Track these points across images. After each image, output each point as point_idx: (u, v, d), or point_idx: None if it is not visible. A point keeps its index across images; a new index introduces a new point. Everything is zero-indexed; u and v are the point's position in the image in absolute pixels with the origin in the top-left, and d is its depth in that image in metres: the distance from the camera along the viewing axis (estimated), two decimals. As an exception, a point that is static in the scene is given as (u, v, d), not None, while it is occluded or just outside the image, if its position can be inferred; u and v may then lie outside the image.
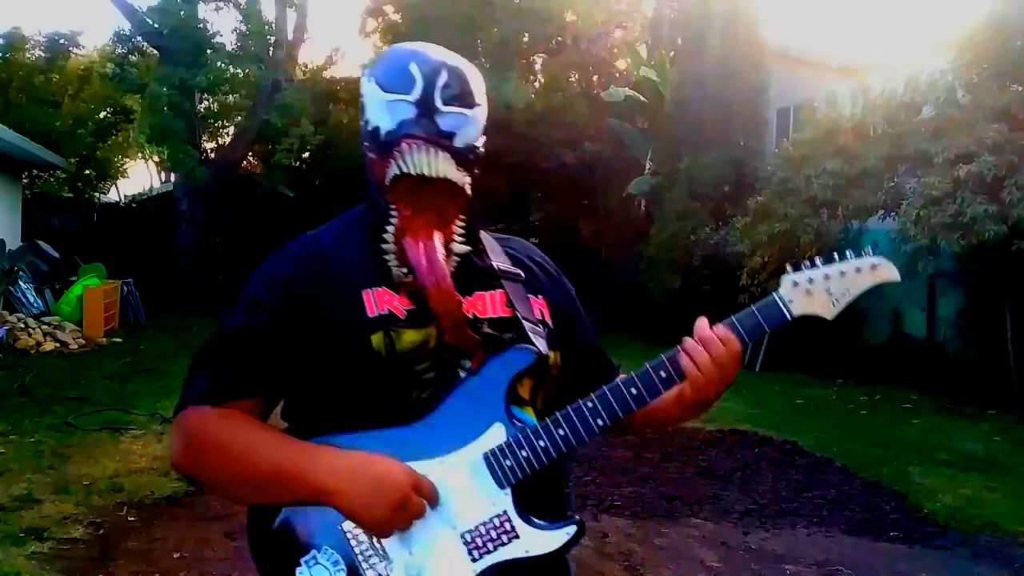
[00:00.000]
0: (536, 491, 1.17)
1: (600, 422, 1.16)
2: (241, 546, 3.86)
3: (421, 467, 1.11)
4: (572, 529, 1.15)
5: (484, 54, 16.37)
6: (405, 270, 1.15)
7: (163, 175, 25.08)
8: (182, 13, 14.67)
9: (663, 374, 1.18)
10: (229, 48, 16.14)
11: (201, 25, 15.39)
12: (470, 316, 1.18)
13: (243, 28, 15.94)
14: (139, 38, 16.17)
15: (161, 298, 13.64)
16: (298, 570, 1.10)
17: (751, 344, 1.19)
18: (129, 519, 4.14)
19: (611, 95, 14.23)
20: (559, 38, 17.04)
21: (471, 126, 1.19)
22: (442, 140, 1.15)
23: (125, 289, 12.29)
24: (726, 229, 10.65)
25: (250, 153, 17.94)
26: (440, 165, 1.15)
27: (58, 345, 9.55)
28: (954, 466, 5.63)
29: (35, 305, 10.72)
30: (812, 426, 6.75)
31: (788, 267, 1.20)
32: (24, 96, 17.50)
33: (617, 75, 17.08)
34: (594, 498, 4.68)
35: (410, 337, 1.15)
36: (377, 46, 18.87)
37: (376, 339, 1.14)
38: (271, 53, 16.13)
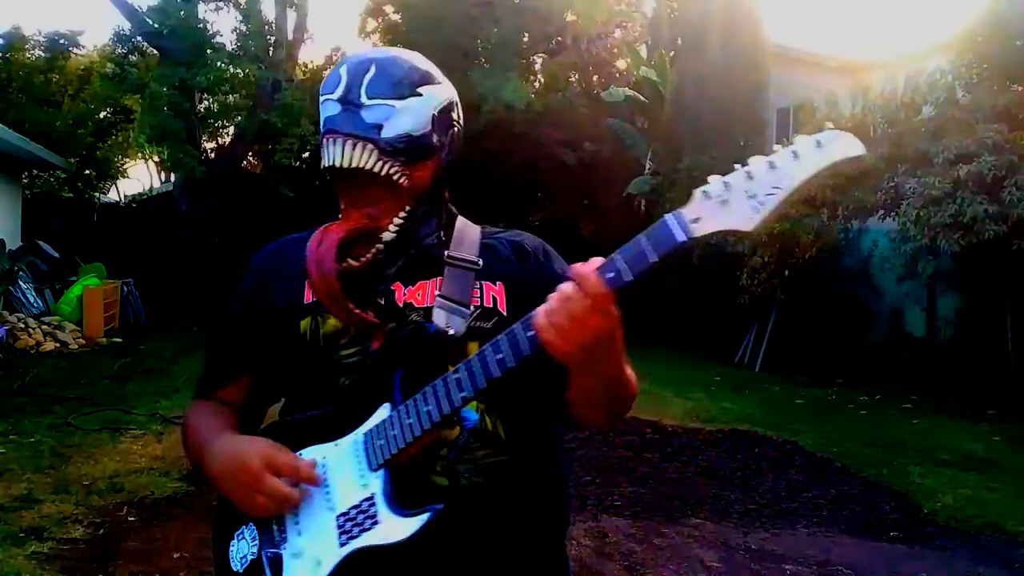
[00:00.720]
0: (408, 474, 1.13)
1: (463, 394, 1.06)
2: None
3: (317, 451, 1.15)
4: (425, 516, 1.09)
5: (484, 54, 16.38)
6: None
7: (163, 175, 25.08)
8: (182, 13, 14.66)
9: (525, 335, 1.02)
10: (229, 48, 16.13)
11: (201, 25, 15.38)
12: (400, 305, 1.19)
13: (243, 28, 15.93)
14: (139, 38, 16.17)
15: (161, 298, 13.63)
16: (231, 543, 1.21)
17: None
18: (129, 519, 4.14)
19: (611, 95, 14.23)
20: (559, 38, 17.04)
21: (402, 116, 1.17)
22: (366, 132, 1.15)
23: (125, 289, 12.28)
24: (726, 229, 10.64)
25: (250, 153, 17.94)
26: (353, 156, 1.14)
27: (58, 345, 9.54)
28: (954, 466, 5.63)
29: (35, 305, 10.72)
30: (812, 426, 6.75)
31: (710, 178, 0.95)
32: (24, 96, 17.49)
33: (617, 75, 17.09)
34: (594, 498, 4.68)
35: (333, 322, 1.18)
36: (377, 46, 18.89)
37: (304, 323, 1.19)
38: (271, 53, 16.13)
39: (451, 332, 1.15)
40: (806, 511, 4.66)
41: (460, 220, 1.32)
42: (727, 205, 0.90)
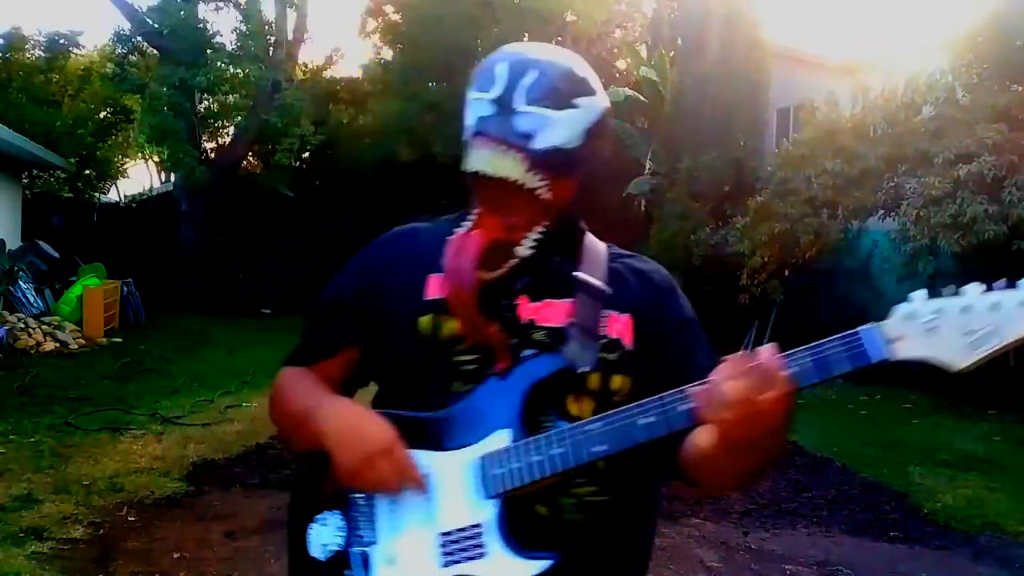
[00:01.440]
0: (527, 511, 1.09)
1: (600, 448, 1.04)
2: (241, 546, 3.86)
3: (421, 456, 1.10)
4: (546, 563, 1.05)
5: (484, 54, 16.36)
6: None
7: (163, 175, 25.08)
8: (182, 13, 14.68)
9: (681, 407, 1.01)
10: (229, 48, 16.15)
11: (201, 25, 15.40)
12: (523, 321, 1.15)
13: (243, 28, 15.95)
14: (139, 38, 16.19)
15: (161, 298, 13.63)
16: (311, 526, 1.16)
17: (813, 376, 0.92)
18: (129, 519, 4.14)
19: (611, 95, 14.22)
20: (559, 38, 17.03)
21: (556, 127, 1.12)
22: (517, 140, 1.10)
23: (125, 289, 12.28)
24: (726, 229, 10.65)
25: (250, 153, 17.95)
26: (503, 165, 1.10)
27: (58, 345, 9.54)
28: (954, 466, 5.63)
29: (35, 305, 10.72)
30: (812, 426, 6.74)
31: (911, 295, 0.89)
32: (24, 96, 17.51)
33: (617, 75, 17.10)
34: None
35: (454, 325, 1.14)
36: (377, 46, 18.90)
37: (424, 321, 1.15)
38: (271, 53, 16.14)
39: (583, 369, 1.12)
40: (806, 511, 4.66)
41: (588, 237, 1.27)
42: (935, 333, 0.85)
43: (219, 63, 15.48)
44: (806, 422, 6.94)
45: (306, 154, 17.97)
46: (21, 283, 10.72)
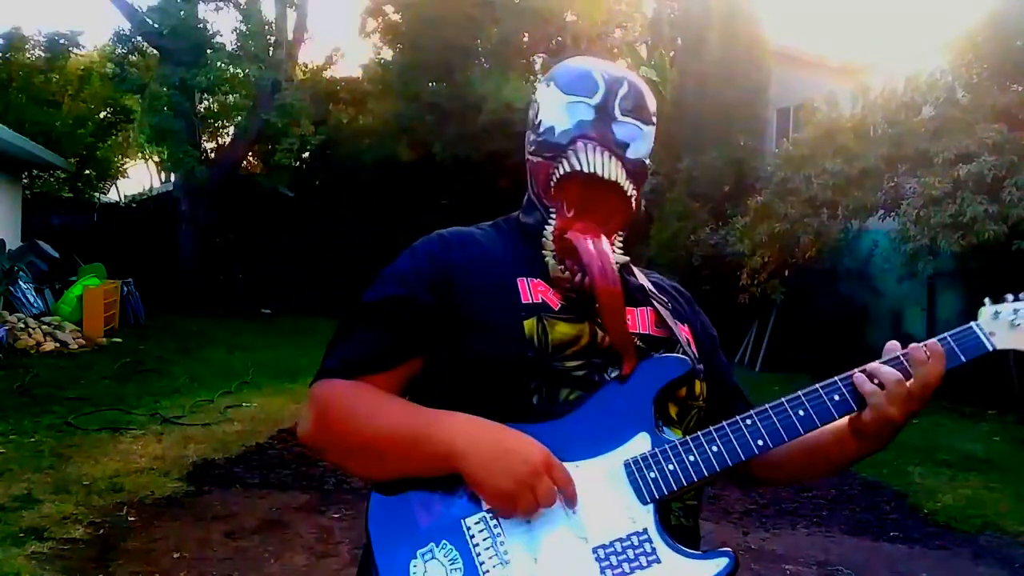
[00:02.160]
0: (678, 514, 1.09)
1: (761, 442, 1.05)
2: (241, 546, 3.86)
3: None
4: (724, 562, 1.02)
5: (484, 54, 16.38)
6: (563, 266, 1.12)
7: (163, 175, 25.10)
8: (182, 13, 14.68)
9: (836, 397, 1.06)
10: (229, 48, 16.14)
11: (201, 25, 15.39)
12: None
13: (243, 28, 15.94)
14: (139, 38, 16.17)
15: (161, 298, 13.64)
16: (412, 563, 1.01)
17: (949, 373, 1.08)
18: (129, 519, 4.14)
19: (611, 95, 14.21)
20: (559, 38, 17.04)
21: (644, 141, 1.18)
22: (616, 148, 1.14)
23: (125, 289, 12.29)
24: (726, 229, 10.65)
25: (250, 153, 17.94)
26: (613, 169, 1.12)
27: (58, 345, 9.54)
28: (954, 466, 5.63)
29: (35, 305, 10.72)
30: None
31: (986, 300, 1.12)
32: (24, 96, 17.50)
33: (617, 75, 17.07)
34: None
35: (563, 330, 1.09)
36: (377, 46, 18.88)
37: (529, 324, 1.08)
38: (271, 53, 16.13)
39: (700, 368, 1.16)
40: (806, 511, 4.66)
41: None
42: (1018, 329, 1.07)
43: (219, 63, 15.46)
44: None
45: (306, 154, 17.96)
46: (21, 283, 10.72)
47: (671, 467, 1.04)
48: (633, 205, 1.16)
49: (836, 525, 4.45)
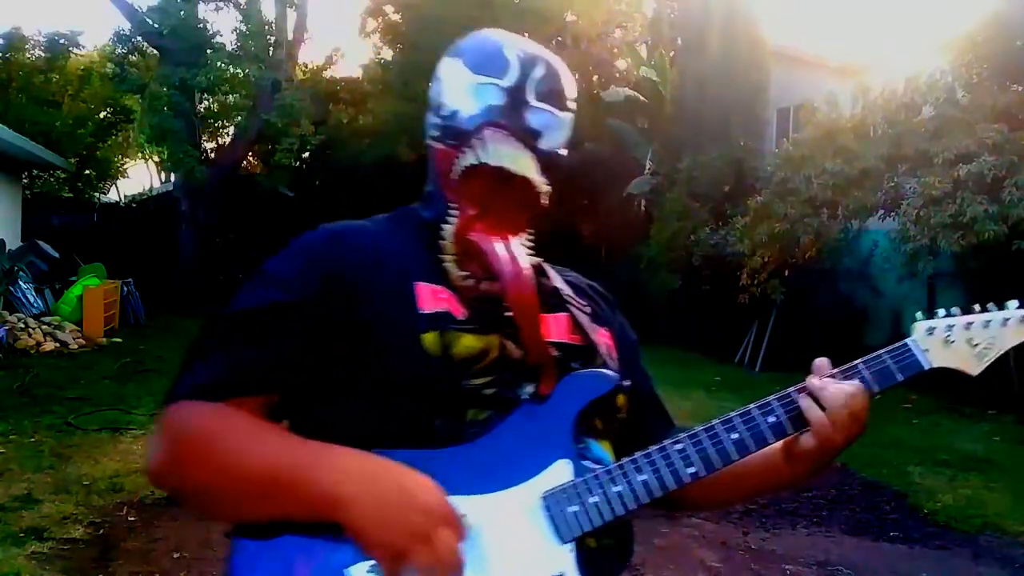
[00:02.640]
0: (602, 553, 0.96)
1: (693, 470, 0.95)
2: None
3: (459, 503, 0.88)
4: None
5: (484, 54, 16.38)
6: (466, 272, 0.99)
7: (163, 175, 25.09)
8: (182, 13, 14.68)
9: (772, 419, 0.98)
10: (229, 48, 16.14)
11: (201, 25, 15.39)
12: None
13: (243, 28, 15.94)
14: (139, 38, 16.18)
15: (161, 298, 13.63)
16: None
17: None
18: (129, 519, 4.14)
19: (611, 95, 14.23)
20: (559, 38, 17.05)
21: (560, 130, 1.05)
22: (528, 137, 1.01)
23: (125, 289, 12.29)
24: (726, 229, 10.66)
25: (250, 153, 17.95)
26: (524, 162, 0.99)
27: (58, 345, 9.54)
28: (954, 466, 5.63)
29: (35, 305, 10.72)
30: (812, 426, 6.75)
31: (918, 315, 1.07)
32: (24, 96, 17.52)
33: (617, 75, 17.10)
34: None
35: (468, 343, 0.96)
36: (377, 46, 18.90)
37: (429, 338, 0.94)
38: (271, 53, 16.13)
39: (625, 385, 1.03)
40: (806, 511, 4.66)
41: None
42: (952, 346, 1.03)
43: (219, 63, 15.46)
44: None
45: (306, 154, 17.97)
46: (21, 283, 10.72)
47: (594, 500, 0.93)
48: (545, 201, 1.03)
49: (836, 525, 4.45)
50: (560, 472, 0.94)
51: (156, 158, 23.02)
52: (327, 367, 0.95)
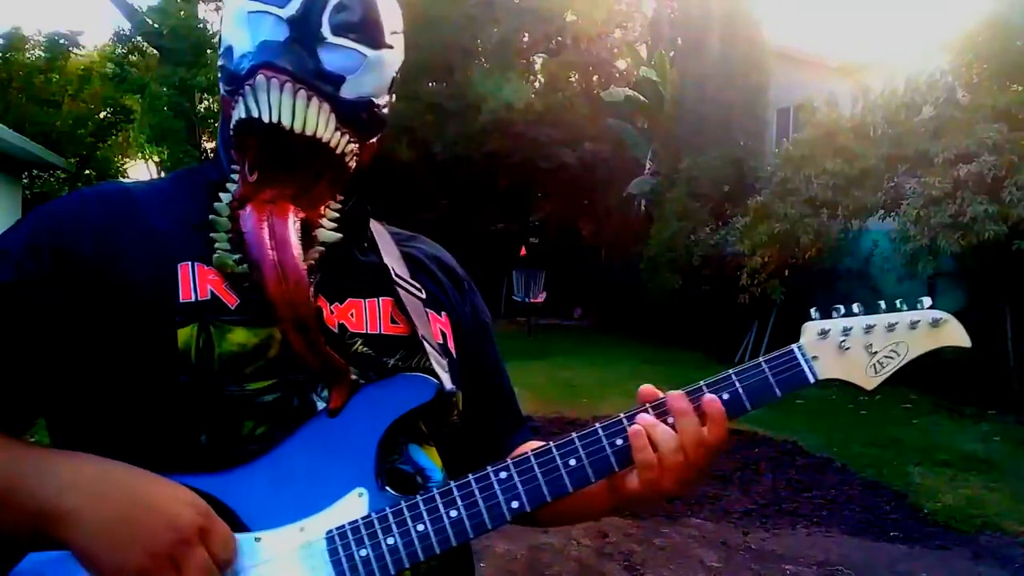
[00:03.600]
0: None
1: (516, 504, 0.78)
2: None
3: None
4: None
5: (484, 54, 16.40)
6: (237, 256, 0.79)
7: (163, 175, 25.10)
8: (182, 13, 14.72)
9: (619, 442, 0.80)
10: (229, 48, 16.18)
11: (201, 25, 15.44)
12: (334, 329, 0.83)
13: (243, 28, 15.98)
14: (139, 38, 16.23)
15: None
16: None
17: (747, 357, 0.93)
18: None
19: (611, 95, 14.25)
20: (559, 38, 17.08)
21: (372, 73, 0.83)
22: (320, 83, 0.79)
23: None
24: (726, 229, 10.67)
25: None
26: (309, 116, 0.78)
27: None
28: (954, 466, 5.63)
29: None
30: (812, 426, 6.75)
31: (813, 312, 0.90)
32: (24, 96, 17.52)
33: (617, 75, 17.13)
34: (594, 498, 4.68)
35: (239, 338, 0.78)
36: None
37: (185, 334, 0.77)
38: (271, 53, 16.18)
39: (451, 389, 0.85)
40: (806, 511, 4.66)
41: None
42: (847, 353, 0.85)
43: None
44: (806, 422, 6.95)
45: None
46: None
47: (391, 542, 0.75)
48: (351, 162, 0.84)
49: (836, 525, 4.45)
50: (353, 505, 0.76)
51: (156, 158, 23.02)
52: (62, 369, 0.77)
